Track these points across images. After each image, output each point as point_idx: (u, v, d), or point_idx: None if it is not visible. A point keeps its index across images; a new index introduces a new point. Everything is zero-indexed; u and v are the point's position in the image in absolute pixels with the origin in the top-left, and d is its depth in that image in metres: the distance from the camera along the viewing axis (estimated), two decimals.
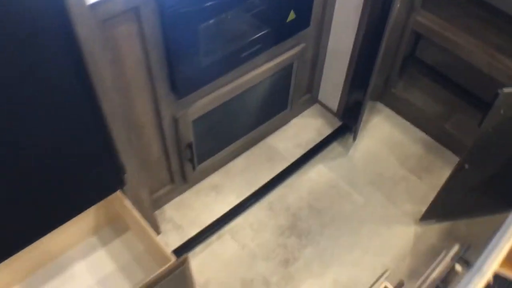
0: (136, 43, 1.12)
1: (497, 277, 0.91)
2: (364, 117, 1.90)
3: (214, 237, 1.64)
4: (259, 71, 1.51)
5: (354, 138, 1.86)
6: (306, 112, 1.95)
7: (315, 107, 1.97)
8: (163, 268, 1.13)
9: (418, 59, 1.96)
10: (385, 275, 1.29)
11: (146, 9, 1.06)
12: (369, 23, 1.56)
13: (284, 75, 1.65)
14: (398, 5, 1.46)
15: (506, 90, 1.18)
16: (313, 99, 1.94)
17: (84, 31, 0.89)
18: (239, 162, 1.79)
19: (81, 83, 0.94)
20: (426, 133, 1.90)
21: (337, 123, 1.91)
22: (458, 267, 1.21)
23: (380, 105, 1.99)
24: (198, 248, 1.60)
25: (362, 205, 1.72)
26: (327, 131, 1.89)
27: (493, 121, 1.26)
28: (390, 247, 1.63)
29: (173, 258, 1.17)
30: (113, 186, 1.21)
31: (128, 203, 1.28)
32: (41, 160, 0.97)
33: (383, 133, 1.91)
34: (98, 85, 0.98)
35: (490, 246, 0.79)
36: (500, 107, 1.22)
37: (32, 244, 1.30)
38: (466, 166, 1.37)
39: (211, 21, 1.20)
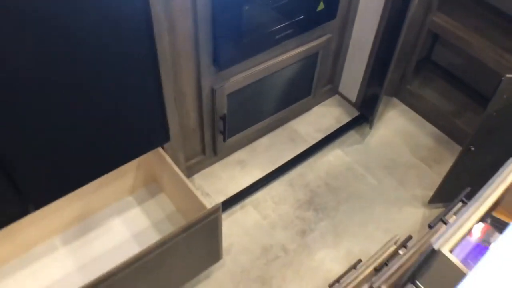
0: (188, 16, 1.29)
1: (495, 219, 1.05)
2: (381, 110, 2.07)
3: (238, 207, 1.80)
4: (288, 56, 1.68)
5: (370, 127, 2.02)
6: (327, 101, 2.11)
7: (336, 98, 2.13)
8: (200, 213, 1.29)
9: (433, 61, 2.13)
10: (393, 240, 1.43)
11: None
12: (389, 20, 1.72)
13: (309, 63, 1.82)
14: (415, 5, 1.62)
15: (509, 75, 1.34)
16: (334, 90, 2.11)
17: None
18: (264, 141, 1.96)
19: (147, 42, 1.12)
20: (438, 128, 2.05)
21: (355, 113, 2.07)
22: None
23: (396, 100, 2.15)
24: (223, 216, 1.76)
25: (375, 186, 1.87)
26: (346, 119, 2.05)
27: (497, 105, 1.41)
28: (400, 225, 1.77)
29: (208, 206, 1.32)
30: (159, 140, 1.37)
31: (168, 159, 1.44)
32: (103, 104, 1.14)
33: (397, 125, 2.07)
34: (158, 46, 1.16)
35: (485, 186, 0.94)
36: (503, 92, 1.37)
37: (75, 198, 1.47)
38: (472, 148, 1.52)
39: (254, 3, 1.37)
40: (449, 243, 0.84)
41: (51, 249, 1.49)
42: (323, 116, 2.06)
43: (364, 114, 2.04)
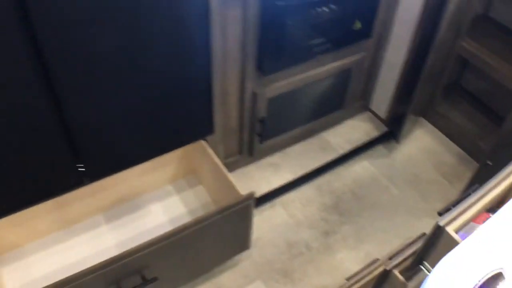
0: (239, 24, 1.48)
1: None
2: (409, 128, 2.19)
3: (267, 205, 1.94)
4: (324, 69, 1.84)
5: (397, 142, 2.14)
6: (358, 116, 2.26)
7: (366, 114, 2.27)
8: (235, 198, 1.44)
9: (461, 86, 2.25)
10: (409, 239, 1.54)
11: None
12: (419, 43, 1.86)
13: (343, 78, 1.98)
14: (444, 30, 1.76)
15: None
16: (365, 106, 2.25)
17: (214, 3, 1.25)
18: (297, 148, 2.11)
19: (204, 41, 1.30)
20: (461, 148, 2.16)
21: (384, 129, 2.20)
22: None
23: (423, 120, 2.28)
24: (254, 212, 1.90)
25: (398, 197, 1.99)
26: (375, 134, 2.19)
27: None
28: (419, 233, 1.87)
29: (243, 195, 1.47)
30: (204, 131, 1.54)
31: (210, 151, 1.61)
32: (162, 91, 1.32)
33: (423, 143, 2.19)
34: (213, 46, 1.34)
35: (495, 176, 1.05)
36: None
37: (122, 180, 1.64)
38: (489, 163, 1.63)
39: (297, 17, 1.55)
40: (454, 223, 0.96)
41: (95, 225, 1.66)
42: (354, 130, 2.20)
43: (392, 131, 2.17)
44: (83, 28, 1.06)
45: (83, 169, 1.34)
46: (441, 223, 0.95)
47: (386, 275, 1.16)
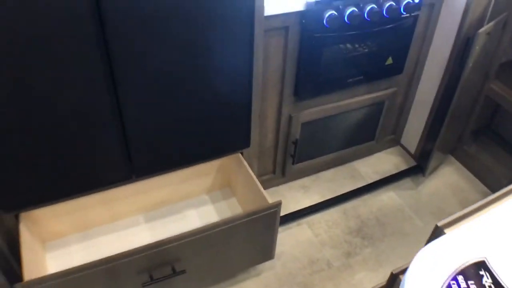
0: (280, 51, 1.66)
1: None
2: (436, 164, 2.29)
3: (294, 223, 2.07)
4: (357, 100, 1.99)
5: (424, 176, 2.24)
6: (388, 149, 2.37)
7: (397, 147, 2.39)
8: (263, 204, 1.59)
9: (491, 128, 2.34)
10: None
11: (293, 29, 1.62)
12: (448, 83, 1.99)
13: (375, 111, 2.12)
14: (469, 71, 1.87)
15: None
16: (396, 140, 2.37)
17: (257, 29, 1.44)
18: (327, 173, 2.24)
19: (248, 63, 1.49)
20: (488, 187, 2.22)
21: (412, 163, 2.31)
22: None
23: (452, 158, 2.36)
24: (280, 228, 2.03)
25: (421, 228, 2.07)
26: (403, 167, 2.29)
27: None
28: None
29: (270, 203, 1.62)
30: (241, 144, 1.71)
31: (245, 163, 1.77)
32: (208, 101, 1.50)
33: (450, 179, 2.27)
34: (255, 69, 1.52)
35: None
36: None
37: (163, 184, 1.81)
38: None
39: (333, 49, 1.72)
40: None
41: (135, 223, 1.82)
42: (383, 161, 2.32)
43: (420, 165, 2.27)
44: (150, 51, 1.27)
45: (133, 166, 1.53)
46: (440, 224, 1.07)
47: (394, 279, 1.26)
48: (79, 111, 1.32)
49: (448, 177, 2.29)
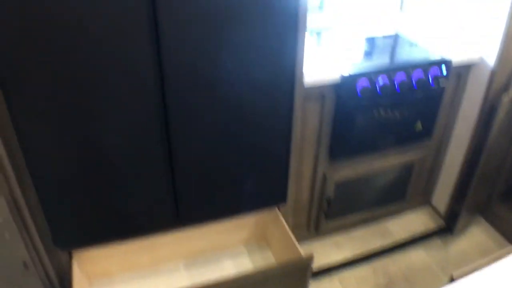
0: (316, 116, 1.82)
1: None
2: (465, 224, 2.36)
3: (326, 278, 2.15)
4: (388, 162, 2.12)
5: (453, 236, 2.31)
6: (418, 209, 2.46)
7: (427, 207, 2.47)
8: (296, 257, 1.70)
9: None
10: None
11: (329, 98, 1.78)
12: (476, 147, 2.09)
13: (405, 172, 2.23)
14: (495, 135, 1.97)
15: None
16: (426, 201, 2.46)
17: (297, 98, 1.61)
18: (358, 231, 2.34)
19: (288, 124, 1.64)
20: None
21: (441, 223, 2.38)
22: None
23: (480, 218, 2.43)
24: (312, 282, 2.12)
25: None
26: (432, 226, 2.37)
27: None
28: None
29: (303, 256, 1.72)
30: (279, 199, 1.85)
31: (281, 218, 1.90)
32: (250, 156, 1.65)
33: (478, 239, 2.33)
34: (294, 129, 1.68)
35: None
36: None
37: (205, 234, 1.94)
38: None
39: (366, 115, 1.87)
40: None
41: (175, 269, 1.93)
42: (413, 220, 2.40)
43: (449, 225, 2.35)
44: (203, 110, 1.45)
45: (180, 214, 1.68)
46: (454, 275, 1.16)
47: None
48: (135, 161, 1.48)
49: (476, 237, 2.35)
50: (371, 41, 2.12)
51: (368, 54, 1.99)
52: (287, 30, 1.45)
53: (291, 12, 1.40)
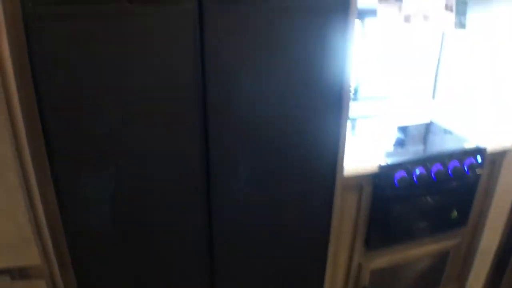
0: (354, 205, 1.81)
1: None
2: None
3: None
4: (423, 250, 2.08)
5: None
6: None
7: None
8: None
9: None
10: None
11: (367, 187, 1.78)
12: (510, 231, 2.06)
13: (441, 259, 2.18)
14: None
15: None
16: (461, 287, 2.38)
17: (337, 187, 1.62)
18: None
19: (327, 213, 1.64)
20: None
21: None
22: None
23: None
24: None
25: None
26: None
27: None
28: None
29: None
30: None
31: None
32: (288, 249, 1.64)
33: None
34: (333, 217, 1.67)
35: None
36: None
37: None
38: None
39: (403, 204, 1.86)
40: None
41: None
42: None
43: None
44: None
45: None
46: None
47: None
48: (177, 231, 1.48)
49: None
50: (405, 129, 2.15)
51: (404, 142, 2.02)
52: (330, 117, 1.50)
53: (336, 98, 1.45)
